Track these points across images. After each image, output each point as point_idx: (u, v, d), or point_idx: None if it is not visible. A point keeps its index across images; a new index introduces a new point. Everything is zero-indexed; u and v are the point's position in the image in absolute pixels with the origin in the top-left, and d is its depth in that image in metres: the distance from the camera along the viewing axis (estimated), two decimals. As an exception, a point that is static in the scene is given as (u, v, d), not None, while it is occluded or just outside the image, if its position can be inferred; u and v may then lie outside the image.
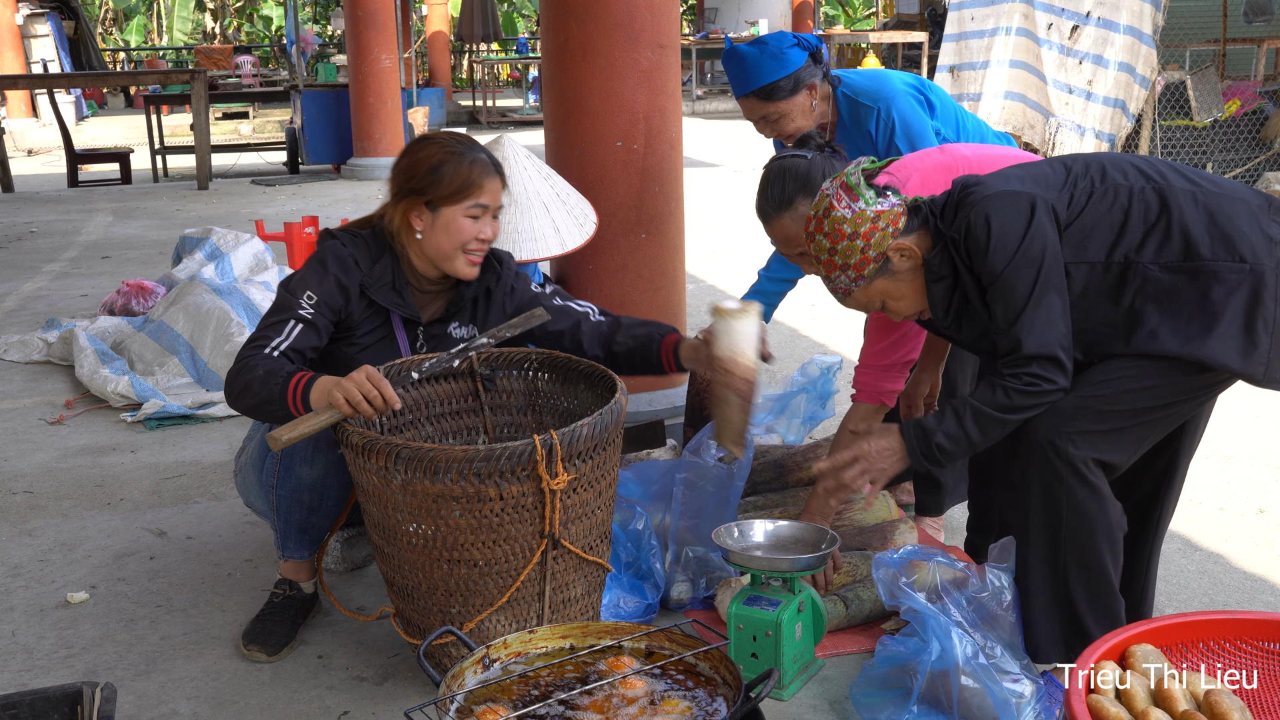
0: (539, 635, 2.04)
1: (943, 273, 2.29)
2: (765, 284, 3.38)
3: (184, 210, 9.63)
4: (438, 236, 2.60)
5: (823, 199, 2.33)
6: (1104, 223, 2.23)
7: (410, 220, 2.61)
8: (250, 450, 2.73)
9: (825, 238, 2.31)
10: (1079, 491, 2.22)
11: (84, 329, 5.02)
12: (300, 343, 2.52)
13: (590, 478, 2.30)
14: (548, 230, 3.21)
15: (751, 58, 2.99)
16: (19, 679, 2.55)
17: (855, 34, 19.08)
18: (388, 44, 10.92)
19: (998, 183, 2.26)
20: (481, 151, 2.65)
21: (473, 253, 2.63)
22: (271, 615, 2.67)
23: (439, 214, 2.59)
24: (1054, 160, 2.35)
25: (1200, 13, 10.71)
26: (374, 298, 2.63)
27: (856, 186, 2.29)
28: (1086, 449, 2.22)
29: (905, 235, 2.30)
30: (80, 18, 19.15)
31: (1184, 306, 2.19)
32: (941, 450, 2.30)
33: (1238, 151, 8.74)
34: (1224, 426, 3.98)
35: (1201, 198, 2.23)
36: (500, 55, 24.41)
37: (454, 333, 2.77)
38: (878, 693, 2.29)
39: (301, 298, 2.56)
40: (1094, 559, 2.26)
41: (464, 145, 2.63)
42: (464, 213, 2.59)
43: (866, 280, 2.32)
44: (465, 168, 2.59)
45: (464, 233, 2.60)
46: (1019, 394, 2.20)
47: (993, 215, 2.19)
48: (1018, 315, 2.19)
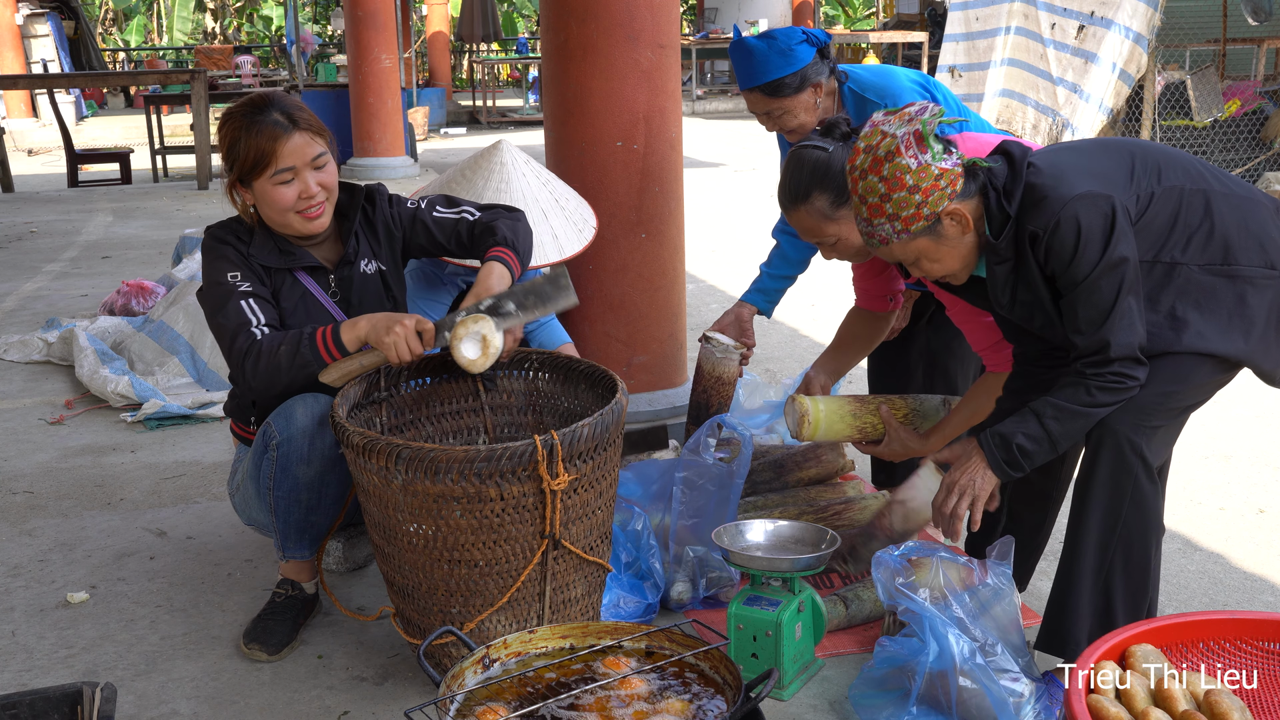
0: (539, 635, 2.04)
1: (1008, 255, 2.25)
2: (766, 280, 3.38)
3: (184, 210, 9.64)
4: (265, 209, 2.61)
5: (888, 140, 2.19)
6: (1156, 224, 2.25)
7: (242, 199, 2.62)
8: (244, 468, 2.72)
9: (882, 182, 2.20)
10: (1144, 487, 2.24)
11: (84, 329, 5.02)
12: (267, 315, 2.56)
13: (591, 478, 2.30)
14: (545, 238, 3.19)
15: (759, 52, 2.98)
16: (19, 679, 2.55)
17: (855, 34, 19.08)
18: (388, 44, 10.92)
19: (1076, 180, 2.18)
20: (272, 110, 2.56)
21: (306, 210, 2.60)
22: (273, 615, 2.67)
23: (253, 188, 2.59)
24: (1109, 148, 2.30)
25: (1200, 13, 10.71)
26: (265, 264, 2.63)
27: (927, 137, 2.19)
28: (1157, 452, 2.26)
29: (961, 199, 2.22)
30: (80, 18, 19.14)
31: (1223, 308, 2.24)
32: (1023, 452, 2.29)
33: (1238, 151, 8.74)
34: (1224, 426, 3.98)
35: (1234, 201, 2.28)
36: (500, 55, 24.42)
37: (365, 269, 2.74)
38: (877, 694, 2.29)
39: (227, 280, 2.57)
40: (1142, 556, 2.27)
41: (255, 112, 2.57)
42: (272, 181, 2.56)
43: (910, 236, 2.24)
44: (255, 139, 2.53)
45: (283, 199, 2.57)
46: (1104, 391, 2.21)
47: (1081, 218, 2.15)
48: (1104, 319, 2.18)
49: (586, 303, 3.67)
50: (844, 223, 2.60)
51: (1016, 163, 2.25)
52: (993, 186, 2.24)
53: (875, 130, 2.23)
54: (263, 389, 2.53)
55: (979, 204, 2.26)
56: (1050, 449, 2.28)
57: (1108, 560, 2.27)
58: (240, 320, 2.53)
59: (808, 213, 2.62)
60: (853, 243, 2.65)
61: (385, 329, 2.43)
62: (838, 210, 2.59)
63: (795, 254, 3.36)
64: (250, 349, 2.50)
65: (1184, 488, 3.55)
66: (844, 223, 2.60)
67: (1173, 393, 2.24)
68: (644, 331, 3.70)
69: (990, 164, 2.25)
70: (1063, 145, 2.35)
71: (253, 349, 2.50)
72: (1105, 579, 2.28)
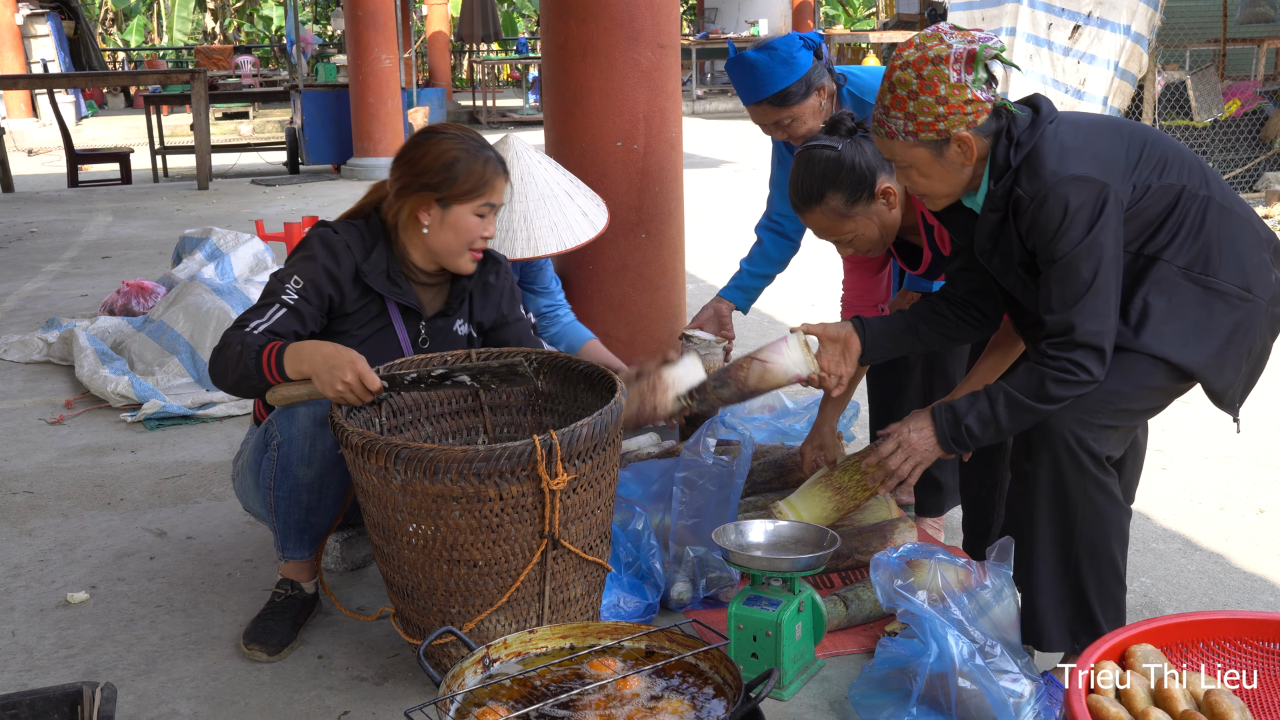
0: (539, 635, 2.04)
1: (999, 206, 2.27)
2: (747, 278, 3.41)
3: (184, 210, 9.63)
4: (445, 234, 2.60)
5: (942, 46, 2.19)
6: (1145, 216, 2.25)
7: (418, 215, 2.60)
8: (247, 454, 2.73)
9: (917, 80, 2.19)
10: (1096, 484, 2.24)
11: (84, 329, 5.02)
12: (281, 326, 2.53)
13: (590, 478, 2.30)
14: (576, 216, 3.25)
15: (762, 64, 2.97)
16: (19, 679, 2.55)
17: (855, 34, 19.09)
18: (388, 44, 10.92)
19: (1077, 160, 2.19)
20: (490, 149, 2.64)
21: (477, 249, 2.64)
22: (273, 615, 2.67)
23: (449, 211, 2.59)
24: (1124, 131, 2.29)
25: (1200, 13, 10.72)
26: (370, 284, 2.62)
27: (979, 62, 2.19)
28: (1104, 444, 2.25)
29: (977, 132, 2.23)
30: (80, 18, 19.13)
31: (1189, 315, 2.24)
32: (970, 433, 2.33)
33: (1238, 151, 8.73)
34: (1224, 426, 3.98)
35: (1231, 218, 2.28)
36: (500, 55, 24.41)
37: (459, 330, 2.77)
38: (877, 694, 2.29)
39: (288, 283, 2.57)
40: (1105, 550, 2.28)
41: (475, 142, 2.63)
42: (473, 211, 2.59)
43: (915, 141, 2.24)
44: (479, 166, 2.58)
45: (471, 231, 2.61)
46: (1055, 383, 2.21)
47: (1071, 198, 2.16)
48: (1076, 300, 2.19)
49: (586, 303, 3.68)
50: (859, 219, 2.61)
51: (1039, 121, 2.25)
52: (1008, 135, 2.25)
53: (936, 34, 2.24)
54: (215, 383, 2.53)
55: (990, 145, 2.27)
56: (997, 434, 2.31)
57: (1071, 560, 2.29)
58: (252, 316, 2.53)
59: (823, 213, 2.62)
60: (868, 237, 2.66)
61: (330, 381, 2.36)
62: (852, 208, 2.60)
63: (777, 253, 3.38)
64: (224, 340, 2.50)
65: (1184, 488, 3.55)
66: (859, 219, 2.61)
67: (1121, 393, 2.23)
68: (644, 331, 3.70)
69: (1017, 111, 2.26)
70: (1084, 119, 2.32)
71: (225, 340, 2.49)
72: (1074, 579, 2.30)
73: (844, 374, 2.61)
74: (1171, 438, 3.92)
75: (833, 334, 2.60)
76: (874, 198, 2.60)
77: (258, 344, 2.46)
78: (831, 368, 2.61)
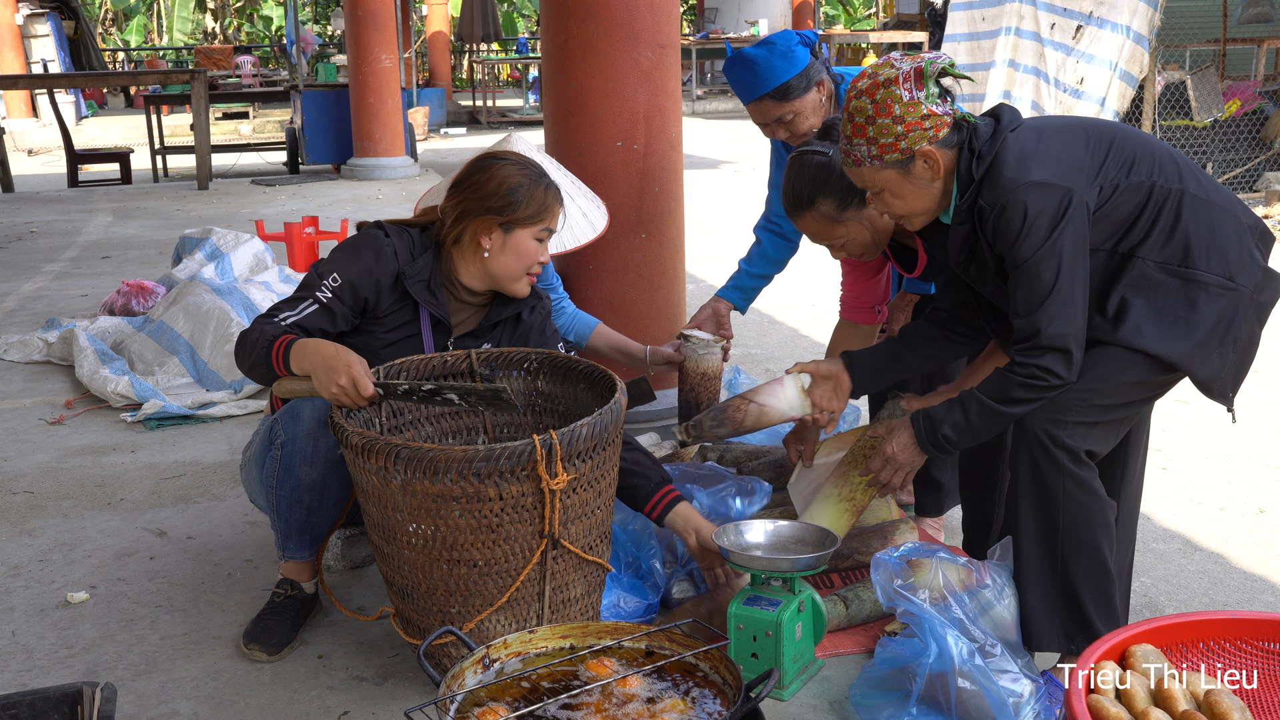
0: (539, 635, 2.04)
1: (966, 219, 2.30)
2: (745, 278, 3.42)
3: (184, 210, 9.63)
4: (506, 258, 2.63)
5: (891, 69, 2.26)
6: (1118, 215, 2.25)
7: (480, 239, 2.62)
8: (253, 448, 2.73)
9: (872, 105, 2.25)
10: (1076, 480, 2.26)
11: (84, 329, 5.02)
12: (309, 322, 2.55)
13: (590, 478, 2.30)
14: (577, 217, 3.26)
15: (762, 59, 2.97)
16: (19, 679, 2.55)
17: (855, 34, 19.10)
18: (388, 44, 10.92)
19: (1037, 167, 2.21)
20: (547, 176, 2.68)
21: (533, 273, 2.68)
22: (273, 615, 2.67)
23: (512, 235, 2.62)
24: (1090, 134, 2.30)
25: (1200, 13, 10.71)
26: (409, 289, 2.63)
27: (927, 77, 2.24)
28: (1080, 440, 2.26)
29: (940, 146, 2.27)
30: (80, 18, 19.14)
31: (1170, 308, 2.25)
32: (947, 439, 2.39)
33: (1238, 151, 8.74)
34: (1224, 426, 3.98)
35: (1209, 208, 2.28)
36: (500, 55, 24.42)
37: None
38: (877, 694, 2.29)
39: (327, 279, 2.59)
40: (1091, 546, 2.29)
41: (534, 168, 2.67)
42: (534, 235, 2.64)
43: (882, 164, 2.28)
44: (541, 192, 2.63)
45: (531, 255, 2.64)
46: (1021, 388, 2.24)
47: (1030, 204, 2.18)
48: (1040, 304, 2.20)
49: (587, 303, 3.68)
50: (851, 224, 2.63)
51: (999, 130, 2.28)
52: (970, 147, 2.28)
53: (886, 62, 2.30)
54: (238, 363, 2.56)
55: (954, 155, 2.30)
56: (972, 438, 2.38)
57: (1058, 559, 2.30)
58: (285, 306, 2.56)
59: (814, 218, 2.64)
60: (860, 241, 2.67)
61: (326, 383, 2.37)
62: (844, 212, 2.61)
63: (776, 254, 3.39)
64: (251, 325, 2.54)
65: (1184, 488, 3.55)
66: (851, 224, 2.63)
67: (1096, 390, 2.24)
68: (644, 331, 3.69)
69: (978, 122, 2.29)
70: (1050, 123, 2.34)
71: (251, 326, 2.54)
72: (1063, 577, 2.31)
73: (836, 410, 2.71)
74: (1171, 438, 3.92)
75: (824, 372, 2.69)
76: (865, 203, 2.60)
77: (274, 334, 2.49)
78: (824, 404, 2.71)
